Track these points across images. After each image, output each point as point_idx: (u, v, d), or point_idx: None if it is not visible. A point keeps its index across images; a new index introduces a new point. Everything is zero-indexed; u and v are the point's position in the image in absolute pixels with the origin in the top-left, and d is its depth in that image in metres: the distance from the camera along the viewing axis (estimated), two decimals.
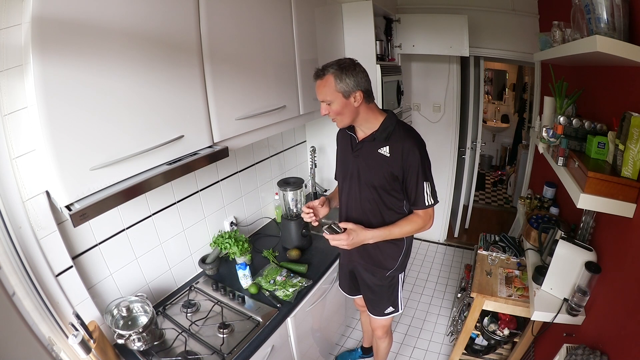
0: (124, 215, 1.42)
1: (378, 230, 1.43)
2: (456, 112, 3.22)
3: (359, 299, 1.89)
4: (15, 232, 1.03)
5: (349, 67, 1.29)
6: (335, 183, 1.68)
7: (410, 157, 1.33)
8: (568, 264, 1.35)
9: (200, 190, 1.78)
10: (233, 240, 1.77)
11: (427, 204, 1.38)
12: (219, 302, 1.59)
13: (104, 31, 0.93)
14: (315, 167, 2.43)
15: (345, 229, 1.40)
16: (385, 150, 1.37)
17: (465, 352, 2.08)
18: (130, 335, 1.24)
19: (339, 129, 1.57)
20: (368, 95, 1.35)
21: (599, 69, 1.50)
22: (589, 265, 1.26)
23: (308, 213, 1.48)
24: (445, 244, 3.63)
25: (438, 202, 1.41)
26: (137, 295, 1.37)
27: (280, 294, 1.62)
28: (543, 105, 1.79)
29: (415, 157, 1.32)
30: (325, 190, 2.53)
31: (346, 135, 1.52)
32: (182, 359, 1.29)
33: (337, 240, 1.39)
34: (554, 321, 1.36)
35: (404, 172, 1.35)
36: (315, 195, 2.50)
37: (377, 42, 2.26)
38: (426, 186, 1.36)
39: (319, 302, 1.84)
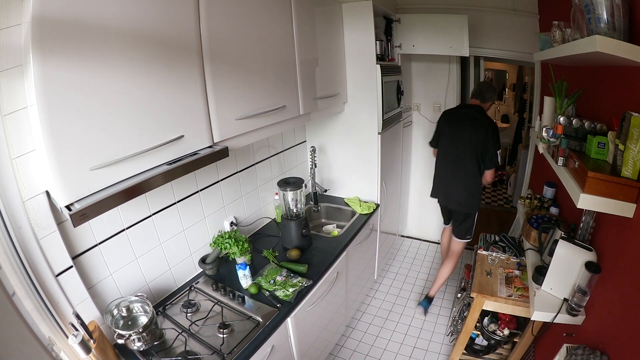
0: (124, 215, 1.42)
1: None
2: None
3: (449, 227, 2.70)
4: (15, 232, 1.03)
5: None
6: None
7: None
8: (568, 264, 1.35)
9: (200, 190, 1.78)
10: (233, 240, 1.77)
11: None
12: (219, 302, 1.59)
13: (104, 31, 0.93)
14: (315, 167, 2.43)
15: None
16: None
17: (465, 352, 2.08)
18: (130, 335, 1.24)
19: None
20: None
21: (599, 69, 1.50)
22: (589, 265, 1.26)
23: None
24: None
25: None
26: (137, 295, 1.37)
27: (280, 294, 1.62)
28: (543, 105, 1.79)
29: None
30: (326, 190, 2.54)
31: None
32: (182, 359, 1.29)
33: None
34: (554, 321, 1.36)
35: None
36: (315, 196, 2.50)
37: (377, 42, 2.26)
38: None
39: (319, 302, 1.84)
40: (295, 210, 1.97)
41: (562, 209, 1.95)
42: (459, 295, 2.36)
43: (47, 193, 1.10)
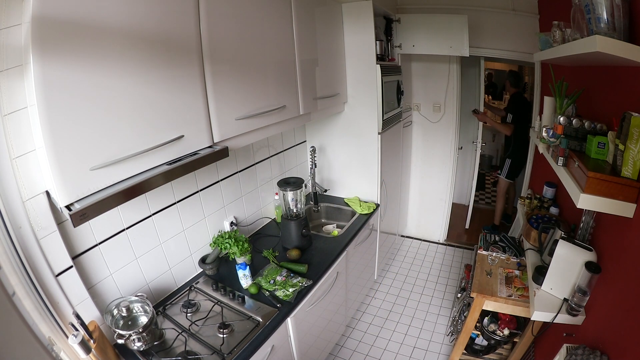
0: (124, 215, 1.42)
1: None
2: (456, 112, 3.22)
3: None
4: (15, 232, 1.03)
5: None
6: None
7: None
8: (568, 264, 1.35)
9: (200, 190, 1.78)
10: (233, 240, 1.77)
11: None
12: (219, 302, 1.59)
13: (104, 31, 0.93)
14: (315, 167, 2.43)
15: None
16: None
17: (465, 352, 2.08)
18: (130, 335, 1.24)
19: None
20: None
21: (599, 69, 1.50)
22: (589, 265, 1.26)
23: None
24: (445, 244, 3.63)
25: None
26: (137, 295, 1.37)
27: (280, 294, 1.62)
28: (543, 105, 1.80)
29: None
30: (326, 190, 2.54)
31: None
32: (182, 359, 1.29)
33: None
34: (554, 321, 1.36)
35: None
36: (315, 196, 2.50)
37: (377, 42, 2.26)
38: None
39: (319, 302, 1.84)
40: (295, 210, 1.97)
41: (562, 209, 1.95)
42: (459, 295, 2.36)
43: (47, 193, 1.10)
